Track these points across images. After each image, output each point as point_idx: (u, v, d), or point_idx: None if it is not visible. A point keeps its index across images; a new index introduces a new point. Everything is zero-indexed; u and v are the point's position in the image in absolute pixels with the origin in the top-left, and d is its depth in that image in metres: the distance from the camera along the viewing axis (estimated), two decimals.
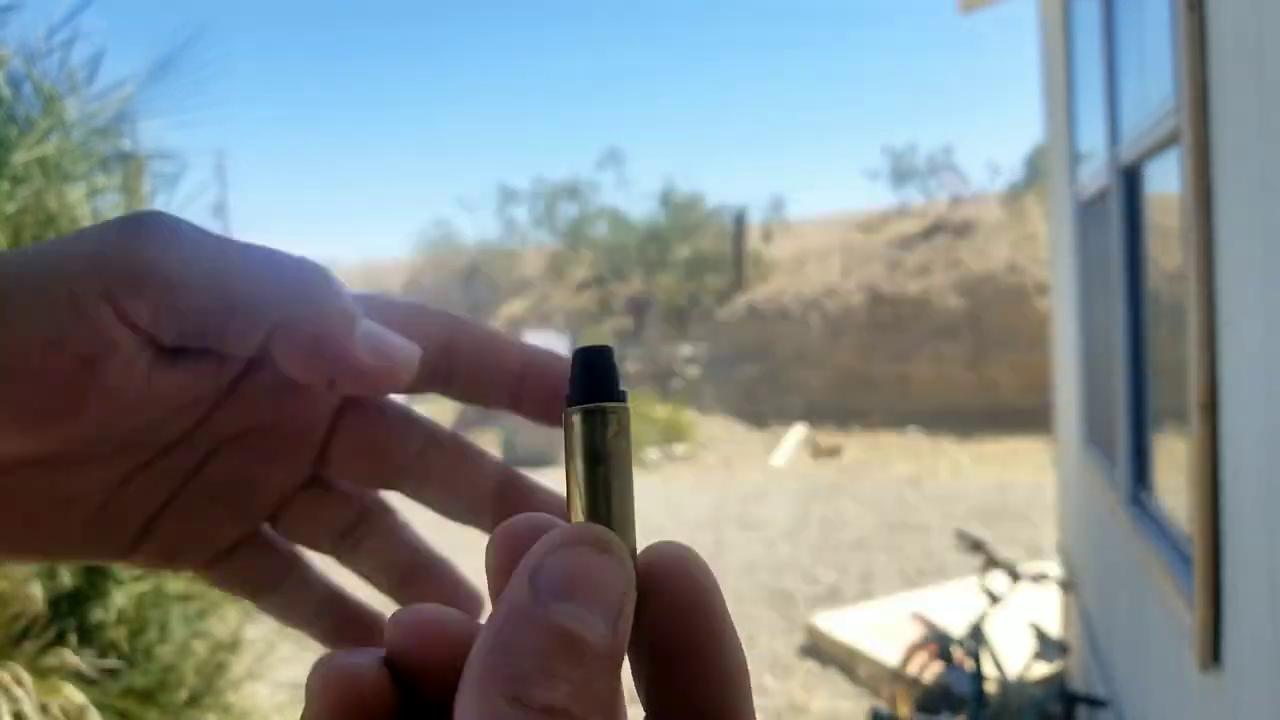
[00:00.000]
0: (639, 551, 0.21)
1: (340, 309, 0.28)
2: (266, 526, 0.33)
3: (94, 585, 2.11)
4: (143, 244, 0.26)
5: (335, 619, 0.34)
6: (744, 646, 0.23)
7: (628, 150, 20.09)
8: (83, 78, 2.29)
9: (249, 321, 0.27)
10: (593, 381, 0.22)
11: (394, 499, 0.35)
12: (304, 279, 0.28)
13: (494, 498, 0.32)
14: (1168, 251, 2.54)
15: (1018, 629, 3.76)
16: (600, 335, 15.70)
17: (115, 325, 0.26)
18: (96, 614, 2.08)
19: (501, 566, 0.21)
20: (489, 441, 11.56)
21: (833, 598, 6.46)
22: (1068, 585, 4.44)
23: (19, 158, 2.13)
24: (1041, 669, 4.10)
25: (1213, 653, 1.84)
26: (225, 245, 0.27)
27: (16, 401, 0.26)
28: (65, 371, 0.26)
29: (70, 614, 2.06)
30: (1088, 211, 3.94)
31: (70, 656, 1.92)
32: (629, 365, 15.20)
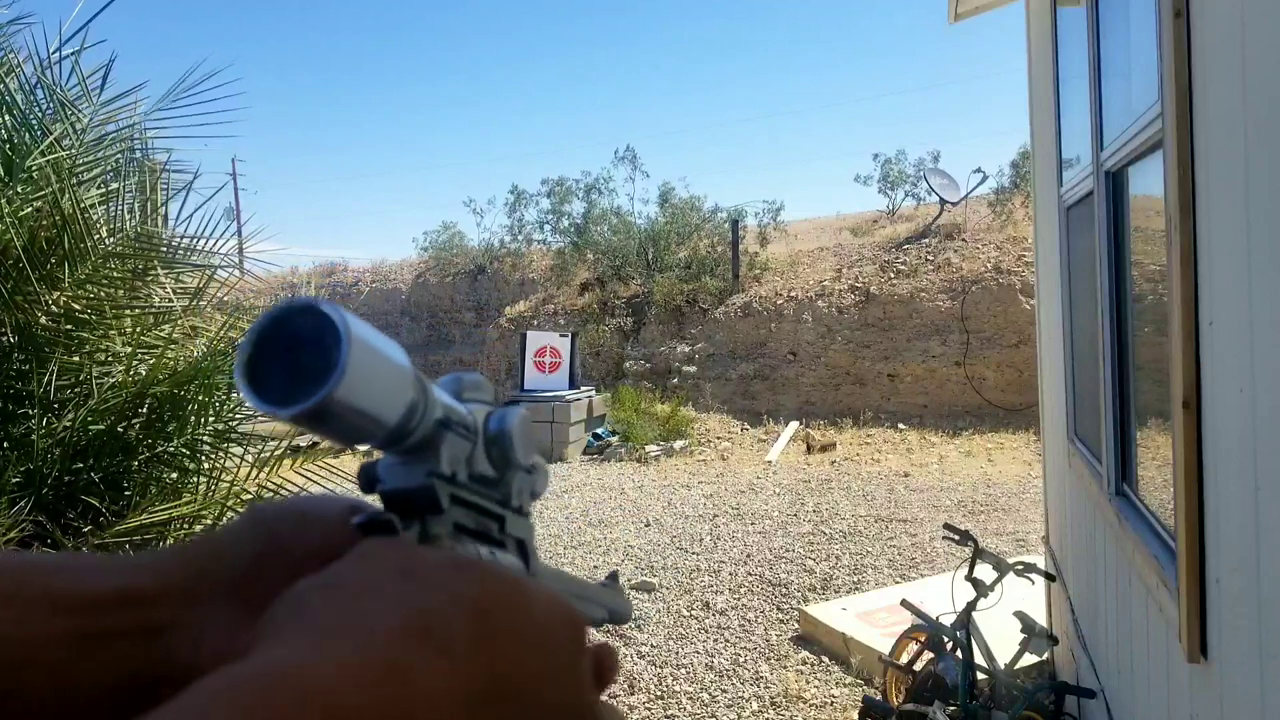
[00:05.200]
0: None
1: None
2: None
3: None
4: None
5: None
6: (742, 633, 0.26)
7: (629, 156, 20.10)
8: (95, 85, 2.33)
9: None
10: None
11: None
12: None
13: None
14: (1151, 253, 2.59)
15: (1006, 620, 3.82)
16: (601, 334, 15.73)
17: None
18: None
19: None
20: None
21: (825, 587, 6.54)
22: (1054, 577, 4.52)
23: (34, 162, 2.16)
24: (1030, 660, 4.15)
25: (1200, 645, 1.86)
26: None
27: None
28: None
29: None
30: (1073, 214, 3.98)
31: None
32: (629, 364, 15.22)
